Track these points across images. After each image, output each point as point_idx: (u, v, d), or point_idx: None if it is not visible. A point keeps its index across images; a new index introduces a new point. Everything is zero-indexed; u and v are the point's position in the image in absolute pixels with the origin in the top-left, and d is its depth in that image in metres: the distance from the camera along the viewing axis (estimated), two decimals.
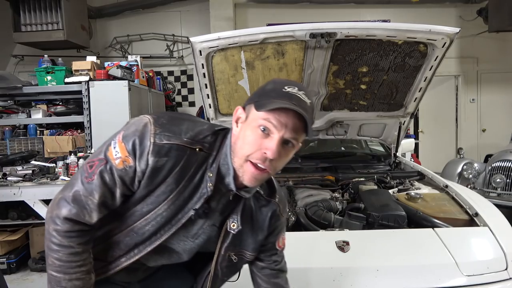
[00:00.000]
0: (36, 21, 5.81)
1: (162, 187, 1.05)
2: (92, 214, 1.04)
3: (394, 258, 1.74)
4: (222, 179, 1.09)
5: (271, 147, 0.99)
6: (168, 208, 1.07)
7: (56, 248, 1.04)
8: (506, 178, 4.27)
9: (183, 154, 1.04)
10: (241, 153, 1.03)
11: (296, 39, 2.29)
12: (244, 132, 1.04)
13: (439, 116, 7.63)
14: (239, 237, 1.18)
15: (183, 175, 1.05)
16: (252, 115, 1.02)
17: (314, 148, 3.71)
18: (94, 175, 1.03)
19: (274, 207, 1.23)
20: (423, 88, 2.73)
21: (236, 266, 1.26)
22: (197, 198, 1.08)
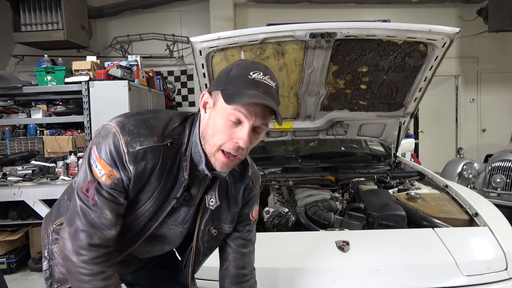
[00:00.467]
0: (36, 21, 5.80)
1: (147, 188, 1.09)
2: (112, 229, 1.08)
3: (394, 258, 1.74)
4: (196, 167, 1.13)
5: (243, 136, 1.02)
6: (154, 204, 1.12)
7: (88, 279, 1.05)
8: (506, 178, 4.27)
9: (158, 153, 1.06)
10: (213, 142, 1.05)
11: (296, 39, 2.29)
12: (213, 120, 1.05)
13: (439, 116, 7.63)
14: (217, 212, 1.23)
15: (162, 171, 1.09)
16: (221, 103, 1.03)
17: (314, 148, 3.71)
18: (95, 196, 1.06)
19: (247, 181, 1.27)
20: (423, 88, 2.73)
21: (217, 239, 1.30)
22: (177, 188, 1.12)
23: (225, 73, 1.07)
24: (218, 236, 1.29)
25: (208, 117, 1.07)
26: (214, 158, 1.07)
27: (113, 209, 1.07)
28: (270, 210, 2.12)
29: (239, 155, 1.06)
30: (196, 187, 1.17)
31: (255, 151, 3.51)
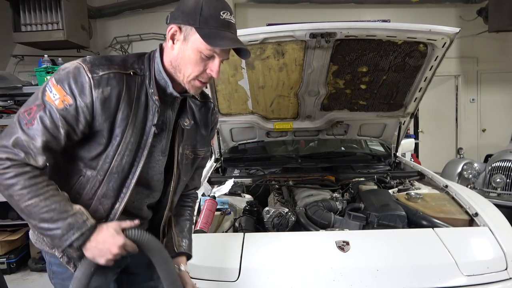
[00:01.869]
0: (36, 21, 5.80)
1: (119, 115, 1.13)
2: (37, 158, 1.07)
3: (394, 258, 1.74)
4: (164, 91, 1.21)
5: (216, 69, 1.17)
6: (132, 133, 1.16)
7: (14, 181, 1.04)
8: (506, 178, 4.27)
9: (122, 79, 1.14)
10: (187, 72, 1.17)
11: (296, 39, 2.29)
12: (187, 53, 1.15)
13: (439, 116, 7.63)
14: (191, 134, 1.33)
15: (131, 98, 1.15)
16: (195, 40, 1.13)
17: (314, 148, 3.71)
18: (34, 120, 1.06)
19: (211, 105, 1.42)
20: (423, 88, 2.73)
21: (192, 164, 1.38)
22: (151, 115, 1.19)
23: (195, 9, 1.13)
24: (194, 161, 1.38)
25: (178, 49, 1.17)
26: (190, 85, 1.19)
27: (47, 139, 1.07)
28: (270, 210, 2.12)
29: (209, 81, 1.23)
30: (169, 111, 1.25)
31: (255, 151, 3.54)
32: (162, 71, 1.20)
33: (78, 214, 1.09)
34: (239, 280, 1.63)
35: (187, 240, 1.42)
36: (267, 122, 3.07)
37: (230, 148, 3.36)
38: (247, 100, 2.83)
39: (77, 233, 1.07)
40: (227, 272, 1.65)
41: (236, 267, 1.66)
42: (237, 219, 2.12)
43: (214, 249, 1.76)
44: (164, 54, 1.21)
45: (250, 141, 3.32)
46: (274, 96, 2.82)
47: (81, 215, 1.09)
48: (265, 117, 3.04)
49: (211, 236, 1.92)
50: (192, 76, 1.17)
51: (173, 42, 1.17)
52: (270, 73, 2.58)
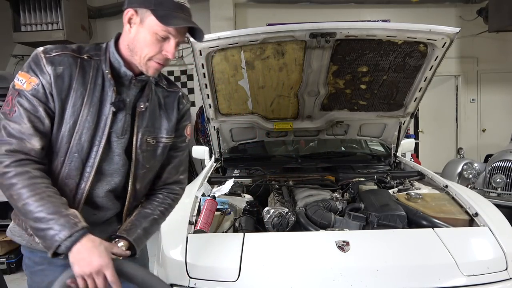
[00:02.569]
0: (36, 21, 5.80)
1: (72, 94, 1.18)
2: (31, 141, 1.13)
3: (394, 258, 1.74)
4: (119, 72, 1.25)
5: (171, 50, 1.21)
6: (88, 111, 1.20)
7: (14, 181, 1.09)
8: (506, 178, 4.27)
9: (76, 61, 1.20)
10: (143, 53, 1.21)
11: (296, 39, 2.29)
12: (143, 35, 1.20)
13: (439, 116, 7.63)
14: (151, 120, 1.33)
15: (85, 78, 1.20)
16: (150, 21, 1.18)
17: (314, 148, 3.71)
18: (14, 107, 1.14)
19: (178, 94, 1.43)
20: (423, 88, 2.73)
21: (154, 152, 1.36)
22: (108, 94, 1.22)
23: None
24: (156, 148, 1.36)
25: (135, 32, 1.21)
26: (146, 67, 1.23)
27: (31, 120, 1.13)
28: (270, 210, 2.12)
29: (166, 63, 1.25)
30: (126, 92, 1.27)
31: (255, 151, 3.54)
32: (115, 52, 1.25)
33: (71, 216, 1.11)
34: (239, 280, 1.63)
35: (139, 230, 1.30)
36: (267, 122, 3.07)
37: (230, 148, 3.36)
38: (247, 100, 2.83)
39: (67, 233, 1.07)
40: (227, 272, 1.65)
41: (236, 267, 1.66)
42: (237, 219, 2.12)
43: (214, 249, 1.76)
44: (121, 38, 1.26)
45: (250, 141, 3.32)
46: (274, 96, 2.82)
47: (73, 217, 1.11)
48: (265, 117, 3.04)
49: (211, 236, 1.92)
50: (147, 57, 1.21)
51: (130, 25, 1.21)
52: (270, 73, 2.58)
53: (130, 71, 1.26)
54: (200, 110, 7.22)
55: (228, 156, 3.31)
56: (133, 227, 1.30)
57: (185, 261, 1.68)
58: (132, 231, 1.29)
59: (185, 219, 1.93)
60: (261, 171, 2.95)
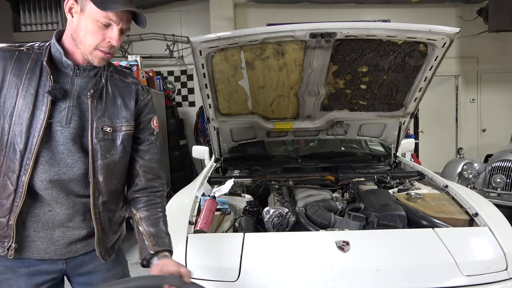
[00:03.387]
0: (36, 21, 5.82)
1: (6, 86, 1.19)
2: None
3: (394, 258, 1.74)
4: (60, 62, 1.25)
5: (115, 37, 1.21)
6: (24, 101, 1.19)
7: None
8: (506, 178, 4.27)
9: (12, 54, 1.22)
10: (87, 42, 1.21)
11: (296, 39, 2.29)
12: (84, 24, 1.20)
13: (439, 116, 7.63)
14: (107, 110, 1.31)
15: (21, 69, 1.21)
16: (91, 9, 1.18)
17: (314, 148, 3.71)
18: None
19: (136, 85, 1.40)
20: (423, 88, 2.73)
21: (115, 140, 1.33)
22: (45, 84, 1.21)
23: None
24: (114, 137, 1.32)
25: (77, 21, 1.21)
26: (92, 56, 1.23)
27: None
28: (270, 210, 2.12)
29: (111, 52, 1.24)
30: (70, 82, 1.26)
31: (255, 151, 3.53)
32: (56, 43, 1.25)
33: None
34: (239, 280, 1.63)
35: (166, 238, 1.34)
36: (267, 122, 3.07)
37: (230, 148, 3.36)
38: (247, 100, 2.83)
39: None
40: (227, 272, 1.65)
41: (236, 267, 1.66)
42: (237, 219, 2.12)
43: (214, 249, 1.76)
44: (66, 29, 1.26)
45: (250, 141, 3.32)
46: (274, 96, 2.82)
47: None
48: (265, 117, 3.04)
49: (211, 236, 1.92)
50: (92, 46, 1.21)
51: (72, 15, 1.22)
52: (270, 73, 2.58)
53: (74, 62, 1.25)
54: (200, 110, 7.22)
55: (228, 156, 3.31)
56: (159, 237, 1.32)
57: (185, 261, 1.68)
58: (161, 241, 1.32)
59: (185, 219, 1.93)
60: (261, 171, 2.95)
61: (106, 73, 1.33)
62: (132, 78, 1.43)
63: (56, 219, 1.28)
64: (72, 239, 1.32)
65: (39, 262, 1.30)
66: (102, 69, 1.32)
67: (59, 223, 1.28)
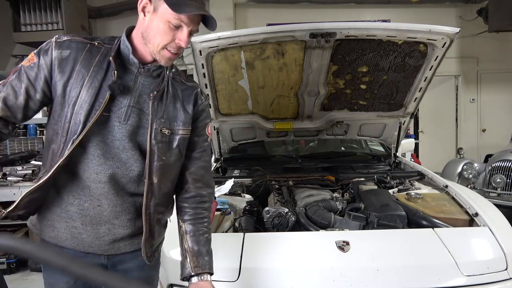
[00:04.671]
0: (36, 21, 5.81)
1: (74, 76, 1.22)
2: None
3: (394, 258, 1.74)
4: (127, 58, 1.27)
5: (184, 38, 1.23)
6: (87, 93, 1.21)
7: None
8: (506, 178, 4.27)
9: (84, 46, 1.25)
10: (156, 41, 1.23)
11: (296, 39, 2.29)
12: (156, 23, 1.22)
13: (439, 116, 7.63)
14: (167, 112, 1.32)
15: (90, 61, 1.24)
16: (163, 10, 1.20)
17: (314, 148, 3.71)
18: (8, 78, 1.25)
19: (196, 89, 1.41)
20: (423, 88, 2.73)
21: (171, 143, 1.33)
22: (109, 79, 1.23)
23: None
24: (171, 140, 1.33)
25: (148, 20, 1.23)
26: (160, 55, 1.25)
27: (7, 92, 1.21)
28: (270, 210, 2.12)
29: (179, 52, 1.27)
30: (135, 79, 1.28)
31: (255, 151, 3.53)
32: (125, 40, 1.27)
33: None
34: (239, 280, 1.63)
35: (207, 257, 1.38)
36: (267, 122, 3.07)
37: (230, 148, 3.36)
38: (247, 100, 2.83)
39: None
40: (227, 272, 1.65)
41: (236, 267, 1.66)
42: (237, 219, 2.12)
43: (214, 249, 1.75)
44: (136, 27, 1.28)
45: (250, 141, 3.32)
46: (274, 96, 2.82)
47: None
48: (265, 117, 3.04)
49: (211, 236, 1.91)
50: (161, 46, 1.23)
51: (144, 14, 1.24)
52: (270, 73, 2.58)
53: (141, 60, 1.27)
54: None
55: (228, 156, 3.31)
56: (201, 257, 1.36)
57: None
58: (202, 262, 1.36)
59: None
60: (261, 171, 2.95)
61: (168, 75, 1.34)
62: (192, 82, 1.43)
63: (103, 215, 1.30)
64: (116, 236, 1.34)
65: (83, 254, 1.32)
66: (165, 70, 1.33)
67: (106, 219, 1.30)
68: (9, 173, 3.63)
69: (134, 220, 1.34)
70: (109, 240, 1.33)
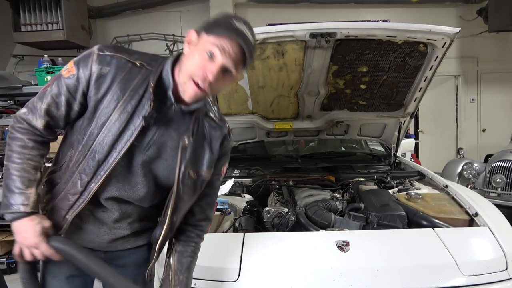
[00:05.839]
0: (36, 21, 5.81)
1: (108, 96, 1.19)
2: (38, 119, 1.22)
3: (394, 258, 1.74)
4: (165, 92, 1.22)
5: (213, 70, 1.15)
6: (118, 117, 1.19)
7: (11, 141, 1.22)
8: (506, 178, 4.27)
9: (125, 66, 1.20)
10: (187, 71, 1.18)
11: (296, 39, 2.29)
12: (192, 53, 1.19)
13: (439, 116, 7.63)
14: (195, 153, 1.29)
15: (127, 84, 1.19)
16: (202, 39, 1.18)
17: (314, 148, 3.71)
18: (49, 87, 1.23)
19: (225, 131, 1.39)
20: (423, 88, 2.73)
21: (195, 186, 1.34)
22: (143, 107, 1.19)
23: (214, 18, 1.23)
24: (196, 183, 1.33)
25: (189, 52, 1.20)
26: (185, 86, 1.18)
27: (49, 103, 1.21)
28: (270, 210, 2.12)
29: (206, 88, 1.18)
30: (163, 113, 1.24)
31: (255, 151, 3.53)
32: (169, 71, 1.21)
33: (24, 196, 1.18)
34: (239, 280, 1.63)
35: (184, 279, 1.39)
36: (267, 122, 3.07)
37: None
38: (247, 100, 2.83)
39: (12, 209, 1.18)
40: (227, 272, 1.65)
41: (236, 267, 1.66)
42: (237, 219, 2.12)
43: (214, 249, 1.76)
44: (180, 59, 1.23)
45: (250, 141, 3.32)
46: (274, 96, 2.82)
47: (26, 199, 1.18)
48: (265, 117, 3.04)
49: (211, 236, 1.91)
50: (188, 75, 1.17)
51: (188, 46, 1.22)
52: (270, 73, 2.58)
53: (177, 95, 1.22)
54: None
55: None
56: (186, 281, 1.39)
57: None
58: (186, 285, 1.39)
59: None
60: (261, 171, 2.95)
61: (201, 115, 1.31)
62: (222, 119, 1.40)
63: (106, 219, 1.32)
64: (116, 237, 1.36)
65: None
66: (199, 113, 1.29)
67: (109, 222, 1.33)
68: None
69: (134, 223, 1.37)
70: (108, 239, 1.35)
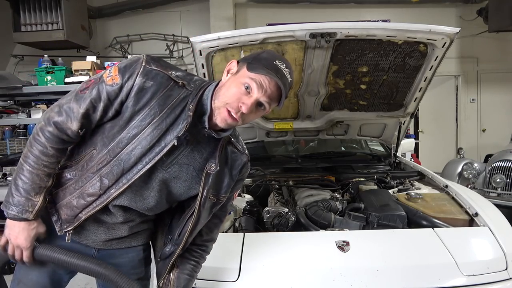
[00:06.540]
0: (36, 21, 5.81)
1: (146, 110, 1.20)
2: (74, 121, 1.21)
3: (394, 258, 1.74)
4: (200, 116, 1.25)
5: (247, 103, 1.19)
6: (151, 132, 1.20)
7: (33, 142, 1.23)
8: (506, 178, 4.27)
9: (167, 83, 1.22)
10: (222, 98, 1.21)
11: (296, 39, 2.28)
12: (230, 83, 1.22)
13: (439, 116, 7.63)
14: (218, 178, 1.32)
15: (166, 102, 1.21)
16: (242, 72, 1.22)
17: (314, 148, 3.71)
18: (87, 90, 1.23)
19: (245, 159, 1.40)
20: (423, 88, 2.73)
21: (212, 209, 1.37)
22: (178, 126, 1.21)
23: (256, 53, 1.29)
24: (213, 206, 1.36)
25: (228, 79, 1.24)
26: (218, 112, 1.22)
27: (88, 107, 1.21)
28: (270, 210, 2.12)
29: (238, 118, 1.21)
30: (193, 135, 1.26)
31: (255, 151, 3.54)
32: (209, 99, 1.24)
33: (30, 203, 1.23)
34: (239, 280, 1.63)
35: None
36: (267, 122, 3.07)
37: None
38: None
39: (15, 211, 1.23)
40: (227, 272, 1.65)
41: (236, 267, 1.66)
42: (237, 219, 2.12)
43: (214, 249, 1.75)
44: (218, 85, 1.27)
45: (250, 141, 3.32)
46: None
47: (32, 206, 1.23)
48: (265, 117, 3.04)
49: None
50: (223, 102, 1.20)
51: (227, 75, 1.26)
52: None
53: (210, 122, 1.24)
54: None
55: None
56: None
57: None
58: None
59: None
60: (261, 171, 2.95)
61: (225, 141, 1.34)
62: (243, 148, 1.41)
63: (108, 221, 1.34)
64: (113, 237, 1.37)
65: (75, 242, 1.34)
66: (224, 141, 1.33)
67: (110, 223, 1.34)
68: (9, 173, 3.63)
69: (134, 227, 1.38)
70: (105, 238, 1.36)
